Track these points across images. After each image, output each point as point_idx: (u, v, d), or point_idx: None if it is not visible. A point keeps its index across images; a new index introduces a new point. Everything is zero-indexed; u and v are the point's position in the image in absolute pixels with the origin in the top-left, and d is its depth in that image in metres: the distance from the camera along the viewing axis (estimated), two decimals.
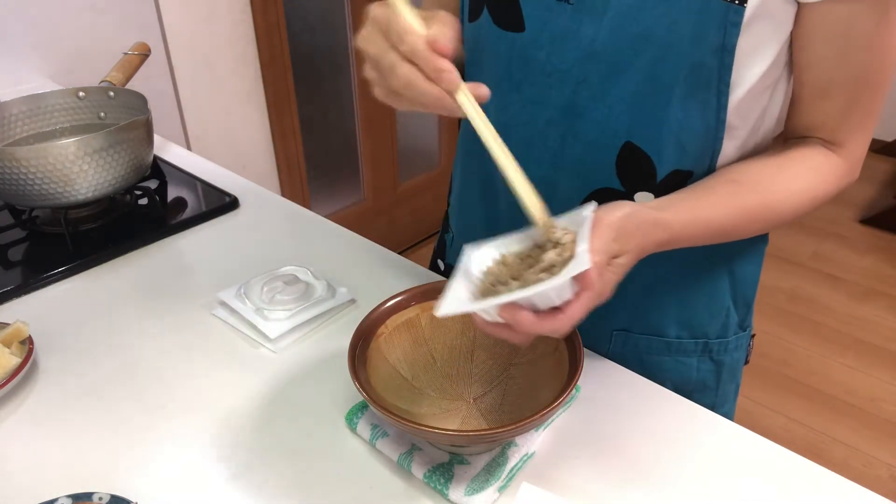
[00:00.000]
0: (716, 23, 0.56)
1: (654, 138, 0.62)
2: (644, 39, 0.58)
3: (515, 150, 0.67)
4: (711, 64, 0.58)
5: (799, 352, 2.16)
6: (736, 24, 0.56)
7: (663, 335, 0.74)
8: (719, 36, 0.57)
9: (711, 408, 0.77)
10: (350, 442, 0.61)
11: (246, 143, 2.03)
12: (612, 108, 0.62)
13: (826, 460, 1.43)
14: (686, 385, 0.76)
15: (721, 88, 0.59)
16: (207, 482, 0.58)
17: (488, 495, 0.55)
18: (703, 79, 0.59)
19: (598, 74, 0.61)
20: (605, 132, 0.63)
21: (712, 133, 0.62)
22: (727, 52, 0.57)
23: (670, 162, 0.63)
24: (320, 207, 2.35)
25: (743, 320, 0.77)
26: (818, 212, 0.68)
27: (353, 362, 0.57)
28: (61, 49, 1.53)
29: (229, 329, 0.76)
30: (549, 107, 0.65)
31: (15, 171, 0.84)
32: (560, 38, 0.62)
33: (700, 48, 0.57)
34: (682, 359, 0.75)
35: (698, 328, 0.75)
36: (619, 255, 0.53)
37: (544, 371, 0.60)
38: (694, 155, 0.63)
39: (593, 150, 0.64)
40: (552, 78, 0.64)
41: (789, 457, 0.59)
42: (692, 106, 0.60)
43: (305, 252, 0.89)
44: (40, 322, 0.76)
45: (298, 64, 2.07)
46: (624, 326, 0.74)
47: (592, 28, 0.60)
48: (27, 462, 0.60)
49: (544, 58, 0.63)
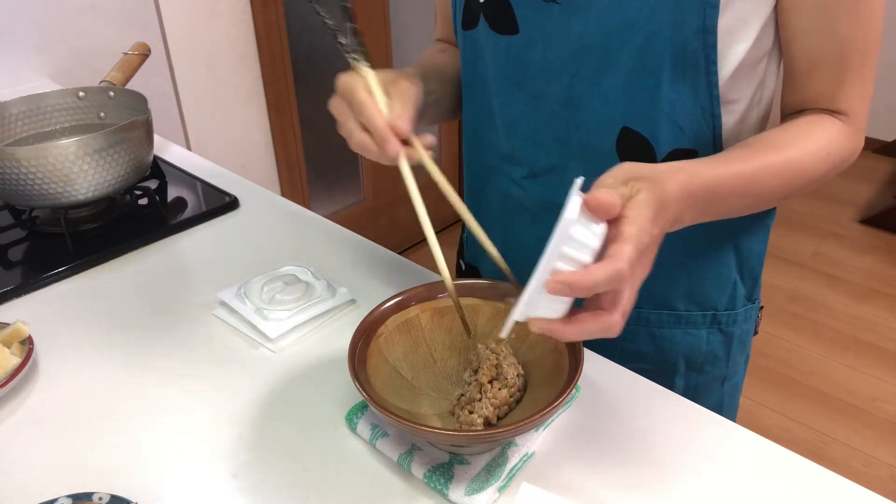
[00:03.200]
0: (693, 6, 0.58)
1: (648, 121, 0.65)
2: (628, 29, 0.61)
3: (525, 143, 0.73)
4: (695, 46, 0.60)
5: (799, 352, 2.16)
6: (714, 6, 0.58)
7: (673, 308, 0.76)
8: (699, 18, 0.59)
9: (723, 378, 0.80)
10: (350, 442, 0.61)
11: (246, 143, 2.03)
12: (607, 98, 0.65)
13: (826, 460, 1.43)
14: (696, 357, 0.78)
15: (709, 67, 0.61)
16: (207, 482, 0.58)
17: (488, 495, 0.55)
18: (689, 60, 0.61)
19: (589, 67, 0.65)
20: (603, 120, 0.66)
21: (708, 110, 0.64)
22: (709, 33, 0.59)
23: (668, 142, 0.65)
24: (320, 207, 2.35)
25: (751, 293, 0.79)
26: (818, 212, 0.69)
27: (353, 362, 0.57)
28: (61, 49, 1.53)
29: (229, 329, 0.76)
30: (550, 101, 0.68)
31: (15, 171, 0.84)
32: (551, 36, 0.65)
33: (682, 32, 0.60)
34: (692, 331, 0.77)
35: (706, 301, 0.76)
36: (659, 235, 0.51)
37: (544, 371, 0.60)
38: (692, 133, 0.65)
39: (595, 136, 0.67)
40: (548, 74, 0.67)
41: (789, 457, 0.59)
42: (682, 87, 0.63)
43: (305, 252, 0.89)
44: (40, 322, 0.76)
45: (298, 64, 2.07)
46: (637, 305, 0.74)
47: (580, 24, 0.63)
48: (27, 462, 0.60)
49: (539, 56, 0.67)
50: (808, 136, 0.63)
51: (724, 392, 0.82)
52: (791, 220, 2.82)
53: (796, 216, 2.83)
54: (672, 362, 0.78)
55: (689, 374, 0.79)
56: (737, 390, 0.85)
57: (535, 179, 0.74)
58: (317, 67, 2.17)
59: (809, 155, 0.62)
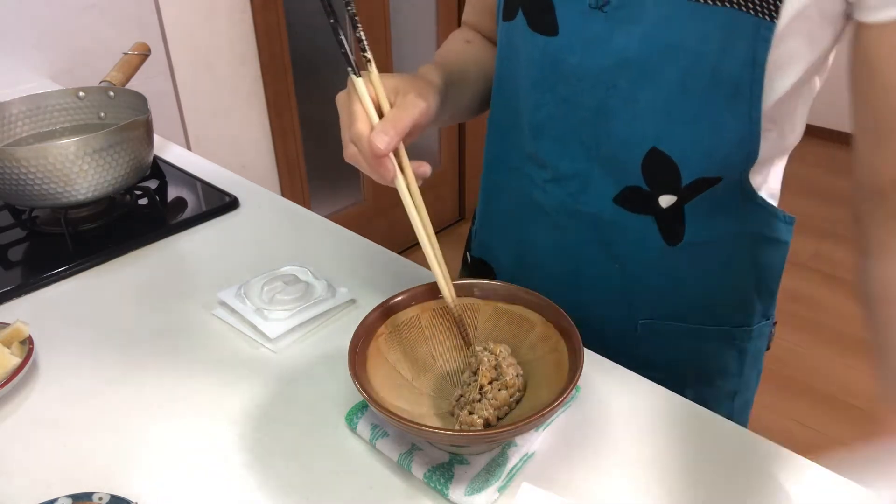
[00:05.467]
0: (746, 37, 0.56)
1: (680, 146, 0.63)
2: (675, 49, 0.59)
3: (552, 146, 0.71)
4: (742, 76, 0.58)
5: (799, 352, 2.16)
6: (766, 40, 0.56)
7: (686, 321, 0.75)
8: (749, 50, 0.57)
9: (734, 393, 0.79)
10: (350, 442, 0.61)
11: (246, 143, 2.03)
12: (641, 114, 0.63)
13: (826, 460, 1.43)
14: (708, 370, 0.77)
15: (752, 101, 0.59)
16: (207, 482, 0.58)
17: (488, 495, 0.55)
18: (733, 90, 0.59)
19: (627, 81, 0.62)
20: (633, 135, 0.64)
21: (745, 142, 0.62)
22: (758, 66, 0.57)
23: (696, 169, 0.64)
24: (320, 207, 2.35)
25: (766, 309, 0.78)
26: (818, 212, 0.69)
27: (353, 362, 0.57)
28: (61, 49, 1.53)
29: (229, 329, 0.76)
30: (581, 108, 0.66)
31: (15, 171, 0.84)
32: (592, 44, 0.63)
33: (730, 61, 0.57)
34: (705, 345, 0.76)
35: (722, 316, 0.75)
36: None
37: (544, 371, 0.60)
38: (722, 163, 0.63)
39: (623, 150, 0.66)
40: (584, 82, 0.65)
41: (789, 457, 0.59)
42: (723, 116, 0.61)
43: (305, 252, 0.89)
44: (40, 322, 0.76)
45: (298, 64, 2.07)
46: (649, 316, 0.75)
47: (624, 36, 0.61)
48: (27, 462, 0.60)
49: (576, 62, 0.64)
50: None
51: (734, 407, 0.81)
52: None
53: (796, 216, 2.83)
54: (682, 374, 0.76)
55: (698, 387, 0.77)
56: (747, 406, 0.84)
57: (557, 183, 0.72)
58: (317, 67, 2.17)
59: None
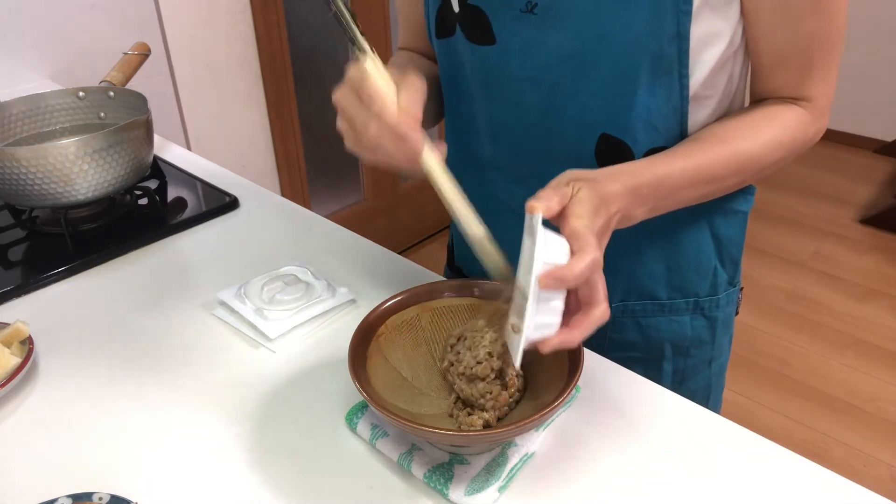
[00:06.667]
0: (668, 13, 0.60)
1: (626, 126, 0.66)
2: (606, 39, 0.62)
3: (508, 150, 0.74)
4: (670, 51, 0.62)
5: (799, 352, 2.16)
6: (687, 13, 0.60)
7: (656, 298, 0.78)
8: (673, 25, 0.60)
9: (710, 360, 0.83)
10: (350, 442, 0.61)
11: (246, 143, 2.03)
12: (586, 106, 0.66)
13: (826, 460, 1.43)
14: (682, 342, 0.80)
15: (682, 71, 0.63)
16: (207, 482, 0.58)
17: (488, 495, 0.55)
18: (664, 66, 0.63)
19: (568, 77, 0.65)
20: (582, 127, 0.68)
21: (678, 110, 0.66)
22: (683, 39, 0.61)
23: (644, 142, 0.67)
24: (320, 207, 2.35)
25: (732, 277, 0.81)
26: (818, 212, 0.69)
27: (353, 362, 0.57)
28: (61, 49, 1.53)
29: (229, 329, 0.76)
30: (530, 109, 0.69)
31: (15, 171, 0.84)
32: (529, 47, 0.66)
33: (657, 38, 0.61)
34: (676, 318, 0.79)
35: (689, 288, 0.78)
36: (606, 225, 0.56)
37: (544, 371, 0.60)
38: (665, 131, 0.67)
39: (575, 143, 0.69)
40: (526, 84, 0.68)
41: (789, 457, 0.59)
42: (658, 91, 0.64)
43: (305, 252, 0.89)
44: (40, 322, 0.76)
45: (298, 64, 2.07)
46: (621, 298, 0.78)
47: (557, 35, 0.64)
48: (27, 462, 0.60)
49: (517, 66, 0.68)
50: (759, 127, 0.65)
51: (712, 372, 0.85)
52: (791, 220, 2.82)
53: (796, 216, 2.83)
54: (659, 349, 0.80)
55: (676, 359, 0.81)
56: (723, 370, 0.88)
57: (519, 184, 0.75)
58: (317, 67, 2.17)
59: (760, 145, 0.65)
